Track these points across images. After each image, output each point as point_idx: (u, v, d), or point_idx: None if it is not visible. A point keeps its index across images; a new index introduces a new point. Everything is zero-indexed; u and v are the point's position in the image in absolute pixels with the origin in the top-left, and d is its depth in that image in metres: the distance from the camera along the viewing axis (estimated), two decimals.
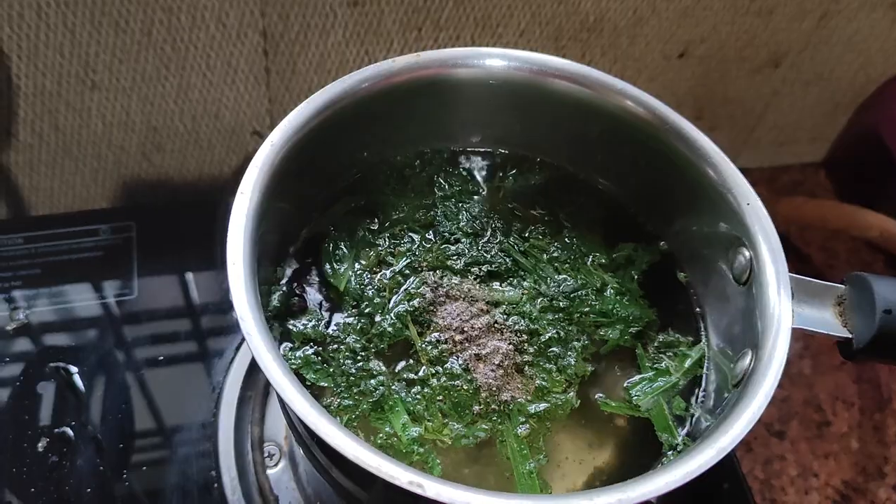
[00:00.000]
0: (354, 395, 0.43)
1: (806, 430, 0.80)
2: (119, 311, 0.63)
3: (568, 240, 0.51)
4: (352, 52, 0.68)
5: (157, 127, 0.70)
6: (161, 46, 0.64)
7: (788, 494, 0.76)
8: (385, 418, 0.43)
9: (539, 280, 0.48)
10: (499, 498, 0.34)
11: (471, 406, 0.43)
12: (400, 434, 0.42)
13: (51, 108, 0.67)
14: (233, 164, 0.75)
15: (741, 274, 0.44)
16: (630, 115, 0.47)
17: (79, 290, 0.64)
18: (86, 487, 0.54)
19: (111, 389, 0.59)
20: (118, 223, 0.67)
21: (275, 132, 0.43)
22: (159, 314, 0.63)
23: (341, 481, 0.43)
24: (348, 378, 0.44)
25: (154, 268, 0.65)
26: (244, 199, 0.40)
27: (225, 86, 0.68)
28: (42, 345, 0.61)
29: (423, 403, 0.43)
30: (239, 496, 0.54)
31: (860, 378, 0.83)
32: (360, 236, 0.49)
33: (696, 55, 0.75)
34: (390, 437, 0.42)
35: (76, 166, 0.72)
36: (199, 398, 0.59)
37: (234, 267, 0.38)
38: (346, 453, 0.34)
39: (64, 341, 0.61)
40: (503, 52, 0.48)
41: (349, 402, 0.43)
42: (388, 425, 0.43)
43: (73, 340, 0.62)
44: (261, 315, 0.38)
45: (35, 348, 0.61)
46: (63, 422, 0.57)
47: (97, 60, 0.64)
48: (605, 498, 0.34)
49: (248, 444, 0.57)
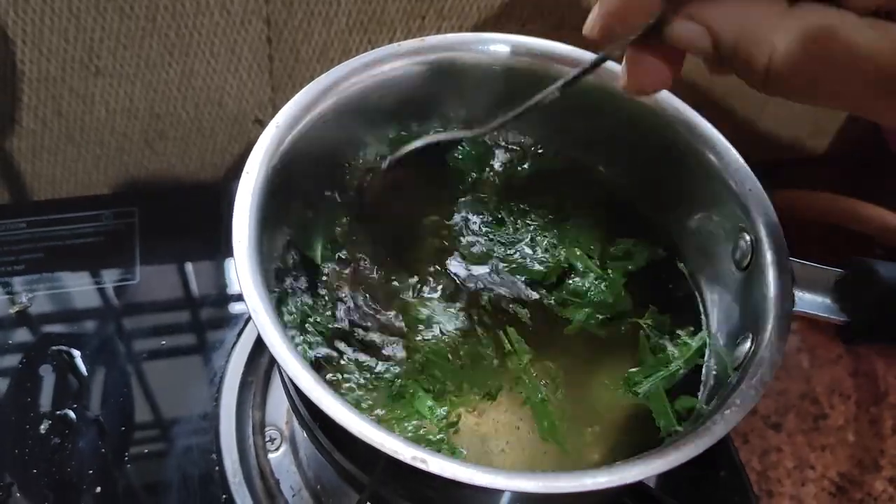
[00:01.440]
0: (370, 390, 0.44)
1: (802, 422, 0.80)
2: (120, 296, 0.63)
3: (567, 227, 0.51)
4: (355, 40, 0.68)
5: (160, 114, 0.70)
6: (165, 32, 0.64)
7: (785, 486, 0.76)
8: (408, 406, 0.43)
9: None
10: (500, 475, 0.34)
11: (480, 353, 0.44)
12: (429, 417, 0.43)
13: (54, 94, 0.67)
14: (235, 152, 0.75)
15: (742, 259, 0.44)
16: (633, 101, 0.47)
17: (80, 275, 0.64)
18: (87, 469, 0.54)
19: (113, 373, 0.59)
20: (120, 209, 0.67)
21: (280, 114, 0.43)
22: (161, 300, 0.64)
23: (343, 463, 0.43)
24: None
25: (156, 254, 0.65)
26: (250, 178, 0.41)
27: (228, 73, 0.68)
28: (43, 329, 0.61)
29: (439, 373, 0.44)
30: (240, 480, 0.55)
31: (857, 371, 0.83)
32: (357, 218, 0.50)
33: None
34: (418, 429, 0.42)
35: (79, 153, 0.72)
36: (200, 383, 0.59)
37: (239, 245, 0.38)
38: (350, 428, 0.34)
39: (65, 326, 0.62)
40: (508, 37, 0.48)
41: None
42: (414, 416, 0.43)
43: (74, 325, 0.62)
44: (266, 294, 0.38)
45: (36, 332, 0.61)
46: (65, 405, 0.57)
47: (101, 46, 0.64)
48: (606, 477, 0.35)
49: (249, 428, 0.57)
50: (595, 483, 0.34)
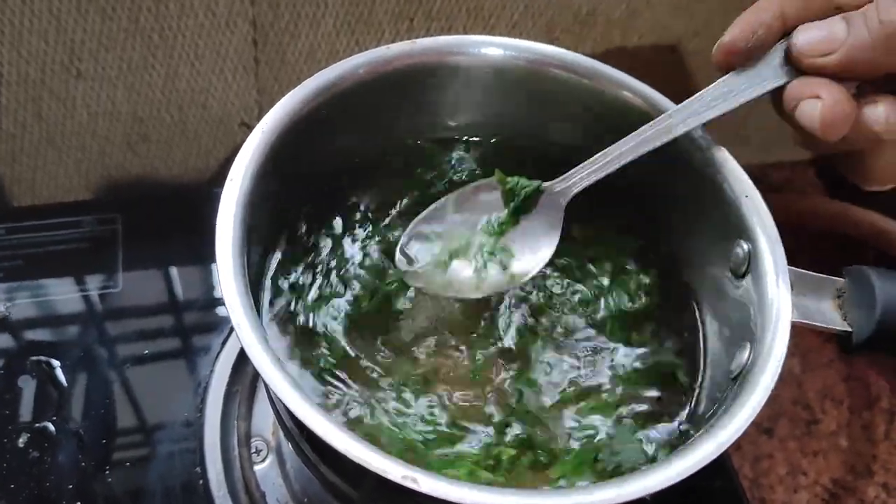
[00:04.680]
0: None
1: (795, 428, 0.80)
2: (103, 304, 0.62)
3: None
4: (342, 42, 0.67)
5: (143, 117, 0.69)
6: (148, 34, 0.63)
7: (777, 493, 0.76)
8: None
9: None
10: (494, 493, 0.33)
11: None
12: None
13: (34, 97, 0.65)
14: (220, 155, 0.74)
15: (738, 267, 0.43)
16: (627, 105, 0.46)
17: (61, 282, 0.62)
18: (67, 484, 0.53)
19: (94, 384, 0.57)
20: (102, 215, 0.65)
21: (266, 118, 0.42)
22: (144, 308, 0.62)
23: (331, 478, 0.42)
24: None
25: (139, 261, 0.64)
26: (234, 186, 0.39)
27: (213, 75, 0.67)
28: (23, 338, 0.59)
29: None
30: (224, 493, 0.53)
31: (849, 376, 0.83)
32: (349, 227, 0.48)
33: (689, 49, 0.74)
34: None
35: (60, 157, 0.70)
36: (184, 393, 0.58)
37: (223, 255, 0.37)
38: (336, 446, 0.33)
39: (45, 335, 0.60)
40: (500, 40, 0.47)
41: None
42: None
43: (55, 334, 0.60)
44: (251, 304, 0.37)
45: (16, 342, 0.59)
46: (44, 417, 0.55)
47: (83, 48, 0.63)
48: (602, 493, 0.34)
49: (234, 439, 0.56)
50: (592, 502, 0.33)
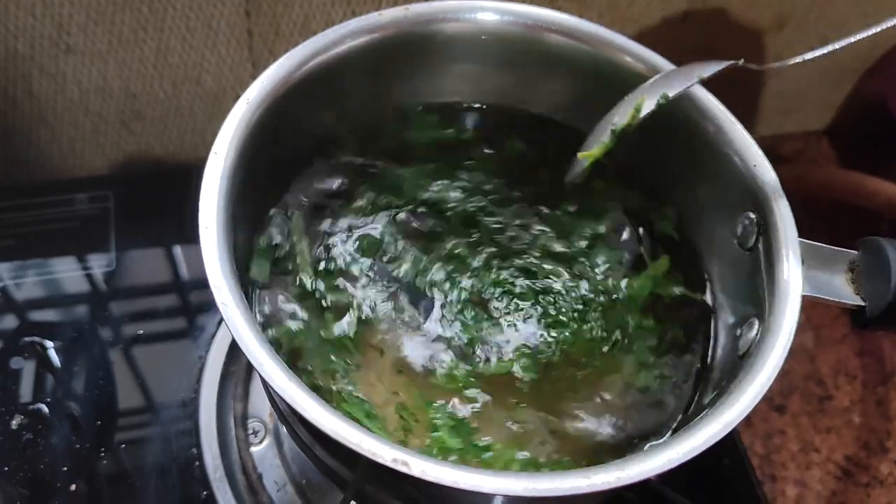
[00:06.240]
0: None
1: (807, 404, 0.78)
2: (96, 283, 0.61)
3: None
4: (337, 12, 0.65)
5: (135, 93, 0.67)
6: (138, 7, 0.61)
7: (789, 469, 0.74)
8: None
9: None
10: (485, 475, 0.32)
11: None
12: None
13: (24, 73, 0.64)
14: (215, 131, 0.72)
15: (746, 239, 0.41)
16: (629, 71, 0.44)
17: (54, 262, 0.61)
18: (62, 466, 0.52)
19: (88, 365, 0.57)
20: (95, 193, 0.64)
21: (251, 89, 0.40)
22: (138, 287, 0.61)
23: (325, 460, 0.41)
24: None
25: (132, 240, 0.63)
26: (218, 159, 0.38)
27: (206, 49, 0.65)
28: (16, 319, 0.59)
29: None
30: (221, 474, 0.52)
31: (863, 351, 0.81)
32: (339, 203, 0.47)
33: (699, 18, 0.72)
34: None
35: (52, 135, 0.69)
36: (179, 373, 0.57)
37: (206, 232, 0.36)
38: (326, 429, 0.31)
39: (39, 315, 0.59)
40: (497, 5, 0.45)
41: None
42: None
43: (48, 314, 0.59)
44: (237, 284, 0.35)
45: (8, 323, 0.58)
46: (38, 398, 0.55)
47: (71, 22, 0.61)
48: (603, 476, 0.32)
49: (230, 420, 0.55)
50: (590, 484, 0.31)
